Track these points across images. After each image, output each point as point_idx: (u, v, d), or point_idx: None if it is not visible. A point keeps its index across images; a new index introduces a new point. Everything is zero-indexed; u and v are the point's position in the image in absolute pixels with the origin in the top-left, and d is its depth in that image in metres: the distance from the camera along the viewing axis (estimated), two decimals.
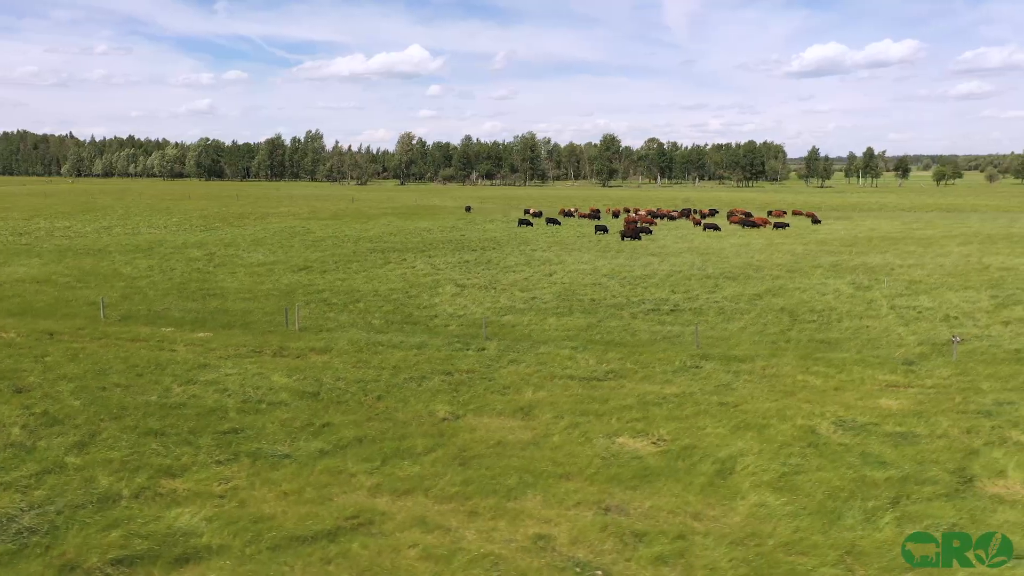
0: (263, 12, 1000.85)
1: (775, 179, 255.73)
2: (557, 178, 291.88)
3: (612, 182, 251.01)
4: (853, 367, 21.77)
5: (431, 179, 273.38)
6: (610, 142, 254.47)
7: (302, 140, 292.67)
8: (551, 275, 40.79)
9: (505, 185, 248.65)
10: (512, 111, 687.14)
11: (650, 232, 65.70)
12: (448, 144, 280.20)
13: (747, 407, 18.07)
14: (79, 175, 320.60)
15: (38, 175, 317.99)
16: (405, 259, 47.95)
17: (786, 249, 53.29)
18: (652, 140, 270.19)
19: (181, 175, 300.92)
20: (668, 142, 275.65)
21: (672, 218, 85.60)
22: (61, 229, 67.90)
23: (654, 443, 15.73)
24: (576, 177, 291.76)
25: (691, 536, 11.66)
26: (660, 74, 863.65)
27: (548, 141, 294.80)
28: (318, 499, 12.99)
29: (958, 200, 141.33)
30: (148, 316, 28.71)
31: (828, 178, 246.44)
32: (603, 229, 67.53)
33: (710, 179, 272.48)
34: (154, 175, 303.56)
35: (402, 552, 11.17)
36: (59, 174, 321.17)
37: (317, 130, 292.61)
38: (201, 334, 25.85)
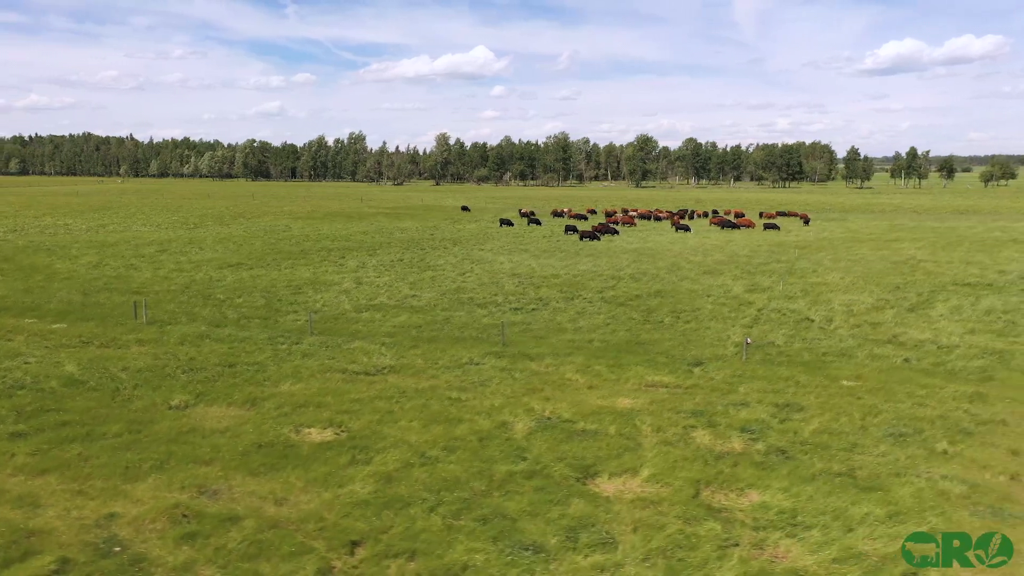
0: (331, 15, 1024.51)
1: (816, 180, 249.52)
2: (596, 178, 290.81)
3: (646, 183, 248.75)
4: (635, 367, 21.85)
5: (467, 180, 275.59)
6: (644, 142, 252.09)
7: (344, 142, 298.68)
8: (464, 274, 41.34)
9: (538, 185, 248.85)
10: (575, 111, 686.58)
11: (615, 233, 65.50)
12: (485, 145, 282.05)
13: (473, 403, 18.45)
14: (136, 175, 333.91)
15: (98, 175, 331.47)
16: (343, 257, 49.07)
17: (731, 251, 52.65)
18: (689, 140, 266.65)
19: (229, 175, 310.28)
20: (707, 142, 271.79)
21: (659, 219, 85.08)
22: (55, 227, 71.23)
23: (336, 433, 16.32)
24: (615, 178, 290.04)
25: (246, 519, 12.25)
26: (726, 73, 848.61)
27: (587, 141, 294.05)
28: None
29: (986, 202, 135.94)
30: (25, 308, 30.36)
31: (868, 179, 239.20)
32: (572, 229, 67.60)
33: (751, 180, 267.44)
34: (205, 175, 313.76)
35: None
36: (118, 174, 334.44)
37: (360, 132, 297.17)
38: (56, 326, 27.30)
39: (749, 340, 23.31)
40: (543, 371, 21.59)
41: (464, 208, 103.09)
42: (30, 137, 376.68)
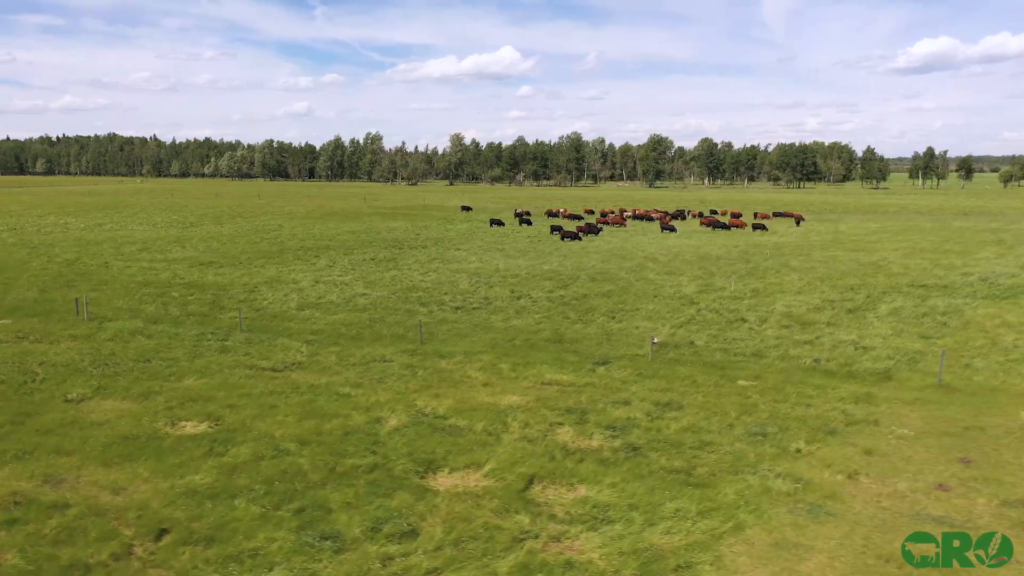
0: (358, 16, 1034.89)
1: (832, 180, 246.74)
2: (611, 178, 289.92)
3: (660, 183, 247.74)
4: (540, 365, 22.10)
5: (481, 180, 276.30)
6: (657, 143, 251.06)
7: (361, 142, 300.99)
8: (426, 273, 41.75)
9: (551, 186, 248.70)
10: (602, 111, 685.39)
11: (597, 232, 65.57)
12: (500, 145, 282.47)
13: (360, 399, 18.82)
14: (158, 175, 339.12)
15: (122, 175, 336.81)
16: (318, 256, 49.70)
17: (704, 251, 52.54)
18: (704, 140, 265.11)
19: (249, 175, 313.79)
20: (722, 142, 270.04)
21: (651, 219, 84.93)
22: (54, 225, 72.71)
23: (209, 426, 16.79)
24: (631, 178, 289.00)
25: (73, 507, 12.72)
26: (755, 72, 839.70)
27: (602, 141, 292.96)
28: None
29: (998, 202, 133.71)
30: None
31: (884, 179, 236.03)
32: (557, 229, 67.74)
33: (768, 179, 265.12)
34: (225, 175, 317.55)
35: None
36: (141, 174, 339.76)
37: (376, 132, 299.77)
38: (3, 321, 28.13)
39: (655, 340, 23.44)
40: (447, 369, 21.91)
41: (465, 208, 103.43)
42: (57, 137, 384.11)
